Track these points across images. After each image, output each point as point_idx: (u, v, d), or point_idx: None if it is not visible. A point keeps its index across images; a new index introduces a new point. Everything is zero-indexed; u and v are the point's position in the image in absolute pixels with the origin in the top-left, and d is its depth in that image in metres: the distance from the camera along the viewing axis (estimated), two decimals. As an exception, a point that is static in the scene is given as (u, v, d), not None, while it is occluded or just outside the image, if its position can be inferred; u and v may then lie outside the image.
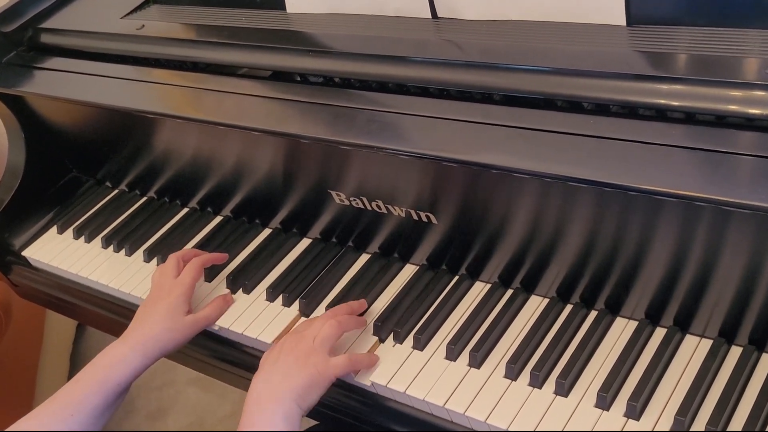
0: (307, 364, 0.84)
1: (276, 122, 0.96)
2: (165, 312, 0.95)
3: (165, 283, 1.00)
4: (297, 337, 0.87)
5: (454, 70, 0.88)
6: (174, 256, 1.04)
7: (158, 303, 0.97)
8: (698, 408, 0.75)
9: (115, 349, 0.93)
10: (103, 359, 0.92)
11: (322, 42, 1.00)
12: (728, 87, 0.73)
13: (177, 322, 0.96)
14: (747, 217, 0.69)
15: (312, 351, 0.85)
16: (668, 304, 0.82)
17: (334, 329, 0.87)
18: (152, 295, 0.99)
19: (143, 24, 1.13)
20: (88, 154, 1.30)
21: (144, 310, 0.97)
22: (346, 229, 1.04)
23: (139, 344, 0.93)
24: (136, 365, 0.92)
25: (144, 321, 0.96)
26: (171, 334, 0.95)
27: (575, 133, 0.79)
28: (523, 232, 0.86)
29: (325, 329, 0.87)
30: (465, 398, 0.82)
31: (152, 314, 0.96)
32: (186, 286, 0.98)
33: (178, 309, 0.96)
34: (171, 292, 0.98)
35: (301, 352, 0.85)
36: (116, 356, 0.92)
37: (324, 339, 0.86)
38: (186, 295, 0.98)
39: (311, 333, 0.87)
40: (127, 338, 0.94)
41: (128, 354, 0.92)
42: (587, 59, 0.82)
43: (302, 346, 0.86)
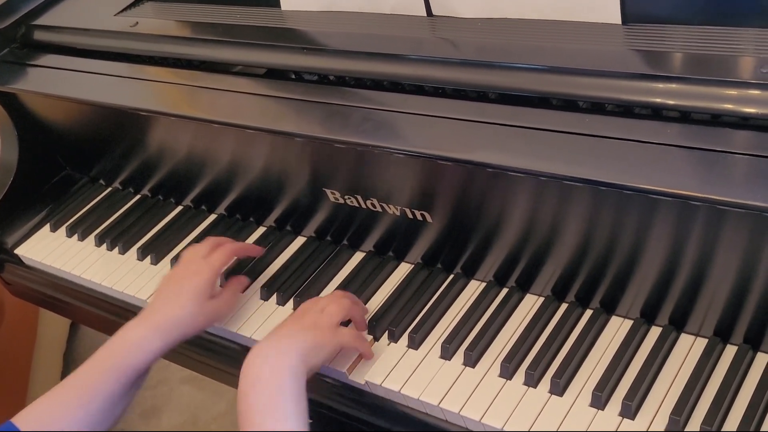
0: (314, 327, 0.83)
1: (270, 120, 0.95)
2: (191, 294, 0.90)
3: (194, 262, 0.95)
4: (302, 309, 0.87)
5: (449, 68, 0.88)
6: (211, 238, 1.00)
7: (184, 283, 0.92)
8: (693, 407, 0.75)
9: (133, 331, 0.87)
10: (119, 341, 0.86)
11: (317, 40, 1.00)
12: (724, 86, 0.73)
13: (202, 306, 0.91)
14: (742, 217, 0.69)
15: (318, 319, 0.85)
16: (663, 303, 0.82)
17: (344, 308, 0.87)
18: (178, 273, 0.94)
19: (137, 21, 1.13)
20: (81, 151, 1.30)
21: (168, 289, 0.92)
22: (341, 228, 1.03)
23: (160, 327, 0.87)
24: (154, 349, 0.86)
25: (167, 301, 0.90)
26: (193, 319, 0.90)
27: (570, 132, 0.79)
28: (518, 230, 0.86)
29: (334, 306, 0.87)
30: (460, 397, 0.82)
31: (177, 295, 0.91)
32: (214, 270, 0.94)
33: (204, 293, 0.92)
34: (199, 273, 0.93)
35: (307, 321, 0.84)
36: (134, 339, 0.86)
37: (332, 313, 0.86)
38: (212, 281, 0.93)
39: (319, 306, 0.87)
40: (147, 319, 0.88)
41: (147, 337, 0.86)
42: (582, 58, 0.82)
43: (308, 314, 0.86)
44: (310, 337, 0.82)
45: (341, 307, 0.87)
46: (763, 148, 0.70)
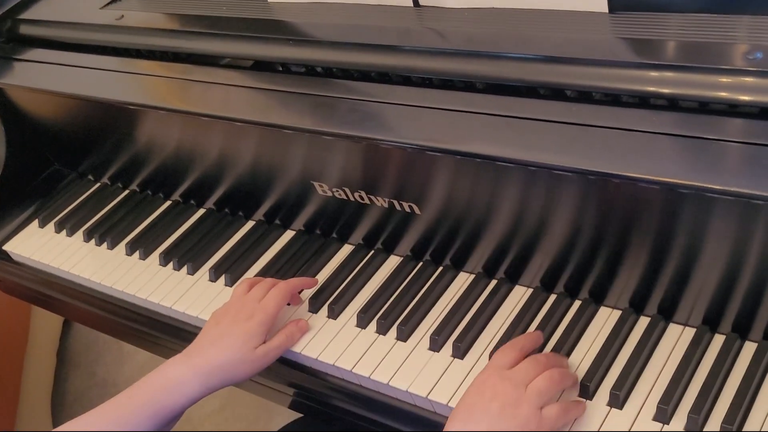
0: (516, 415, 0.70)
1: (257, 112, 0.95)
2: (241, 339, 0.85)
3: (248, 303, 0.89)
4: (501, 377, 0.73)
5: (436, 59, 0.88)
6: (269, 280, 0.94)
7: (235, 326, 0.86)
8: (681, 396, 0.74)
9: (176, 370, 0.83)
10: (159, 379, 0.83)
11: (304, 31, 0.99)
12: (711, 73, 0.73)
13: (249, 353, 0.85)
14: (731, 204, 0.69)
15: (522, 401, 0.71)
16: (652, 292, 0.81)
17: (554, 384, 0.73)
18: (230, 312, 0.88)
19: (122, 14, 1.12)
20: (69, 146, 1.29)
21: (217, 329, 0.86)
22: (330, 221, 1.03)
23: (203, 371, 0.83)
24: (194, 393, 0.82)
25: (214, 343, 0.85)
26: (240, 366, 0.84)
27: (558, 121, 0.78)
28: (507, 221, 0.86)
29: (544, 381, 0.73)
30: (449, 389, 0.81)
31: (225, 338, 0.85)
32: (269, 315, 0.87)
33: (254, 339, 0.85)
34: (252, 317, 0.87)
35: (509, 400, 0.71)
36: (175, 378, 0.82)
37: (540, 391, 0.72)
38: (267, 325, 0.87)
39: (521, 378, 0.72)
40: (191, 359, 0.84)
41: (187, 379, 0.82)
42: (569, 47, 0.81)
43: (510, 391, 0.71)
44: (513, 428, 0.69)
45: (552, 383, 0.73)
46: (750, 135, 0.70)
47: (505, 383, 0.72)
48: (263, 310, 0.88)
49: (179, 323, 1.04)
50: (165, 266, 1.09)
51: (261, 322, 0.87)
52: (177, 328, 1.04)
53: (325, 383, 0.91)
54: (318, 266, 1.01)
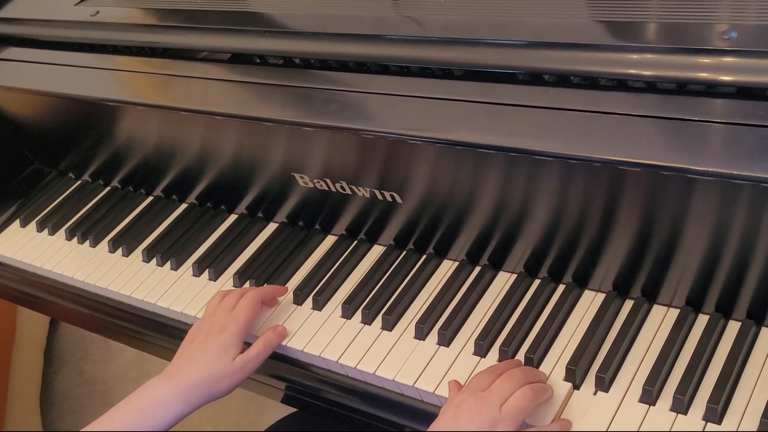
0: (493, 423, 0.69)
1: (236, 105, 0.94)
2: (217, 354, 0.85)
3: (220, 316, 0.88)
4: (477, 399, 0.71)
5: (414, 47, 0.87)
6: (239, 290, 0.93)
7: (209, 341, 0.86)
8: (667, 377, 0.75)
9: (156, 390, 0.83)
10: (141, 399, 0.83)
11: (281, 22, 0.99)
12: (688, 54, 0.73)
13: (226, 366, 0.85)
14: (711, 185, 0.69)
15: (498, 423, 0.70)
16: (635, 275, 0.81)
17: (529, 401, 0.71)
18: (203, 328, 0.88)
19: (97, 10, 1.11)
20: (49, 145, 1.28)
21: (193, 347, 0.87)
22: (312, 212, 1.03)
23: (183, 388, 0.83)
24: (177, 411, 0.82)
25: (192, 359, 0.85)
26: (220, 380, 0.84)
27: (538, 106, 0.78)
28: (489, 208, 0.86)
29: (518, 400, 0.71)
30: (435, 377, 0.81)
31: (202, 354, 0.85)
32: (241, 325, 0.87)
33: (230, 350, 0.85)
34: (224, 329, 0.86)
35: (485, 423, 0.70)
36: (156, 398, 0.82)
37: (516, 411, 0.71)
38: (240, 334, 0.87)
39: (496, 399, 0.71)
40: (171, 378, 0.84)
41: (171, 398, 0.82)
42: (546, 31, 0.81)
43: (485, 413, 0.70)
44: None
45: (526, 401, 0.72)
46: (729, 115, 0.70)
47: (481, 405, 0.71)
48: (235, 321, 0.87)
49: (165, 319, 1.03)
50: (148, 262, 1.08)
51: (234, 332, 0.86)
52: (163, 324, 1.03)
53: (312, 375, 0.91)
54: (302, 258, 1.01)
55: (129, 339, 1.12)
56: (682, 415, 0.71)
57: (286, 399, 0.99)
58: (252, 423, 1.84)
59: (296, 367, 0.92)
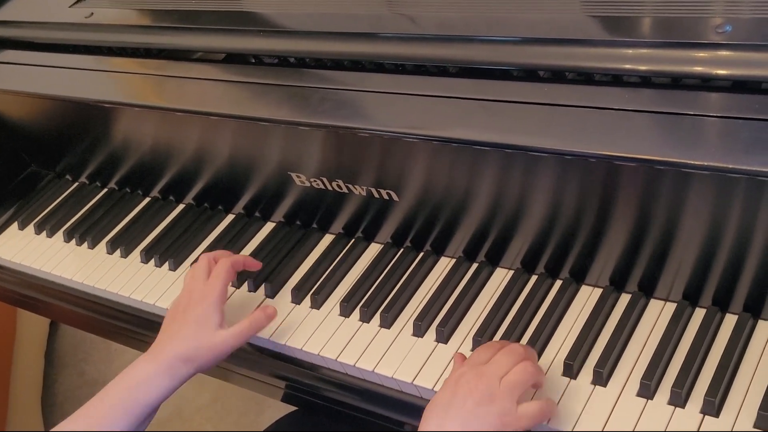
0: (490, 412, 0.68)
1: (231, 106, 0.94)
2: (194, 325, 0.85)
3: (195, 288, 0.88)
4: (476, 373, 0.71)
5: (409, 45, 0.88)
6: (205, 255, 0.93)
7: (188, 313, 0.86)
8: (664, 371, 0.75)
9: (141, 368, 0.84)
10: (127, 378, 0.83)
11: (275, 22, 0.99)
12: (683, 48, 0.73)
13: (207, 337, 0.85)
14: (707, 178, 0.69)
15: (497, 396, 0.69)
16: (632, 269, 0.81)
17: (528, 375, 0.71)
18: (182, 302, 0.88)
19: (92, 12, 1.11)
20: (46, 147, 1.28)
21: (173, 320, 0.87)
22: (309, 211, 1.03)
23: (168, 363, 0.83)
24: (163, 386, 0.83)
25: (172, 335, 0.85)
26: (201, 352, 0.84)
27: (533, 102, 0.78)
28: (486, 204, 0.86)
29: (518, 374, 0.71)
30: (433, 374, 0.82)
31: (181, 327, 0.85)
32: (216, 293, 0.87)
33: (209, 321, 0.85)
34: (201, 300, 0.87)
35: (483, 396, 0.69)
36: (141, 375, 0.83)
37: (514, 384, 0.70)
38: (217, 304, 0.86)
39: (495, 372, 0.71)
40: (154, 354, 0.85)
41: (154, 373, 0.83)
42: (541, 27, 0.82)
43: (483, 387, 0.70)
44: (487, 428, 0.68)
45: (526, 376, 0.71)
46: (724, 109, 0.70)
47: (480, 378, 0.71)
48: (211, 290, 0.87)
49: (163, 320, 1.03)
50: (146, 263, 1.09)
51: (211, 302, 0.86)
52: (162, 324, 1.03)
53: (312, 374, 0.91)
54: (299, 257, 1.01)
55: (129, 340, 1.12)
56: (679, 408, 0.71)
57: (286, 398, 0.99)
58: (252, 422, 1.84)
59: (295, 366, 0.92)
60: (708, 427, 0.69)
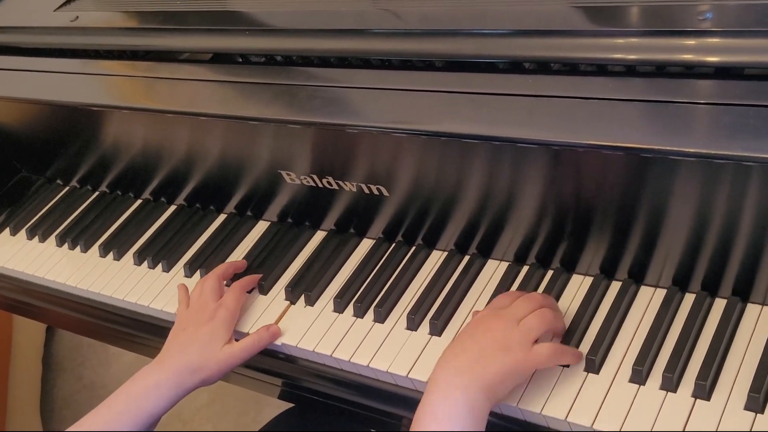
0: (506, 348, 0.71)
1: (219, 106, 0.95)
2: (206, 341, 0.87)
3: (207, 305, 0.91)
4: (495, 314, 0.75)
5: (394, 40, 0.88)
6: (214, 274, 0.96)
7: (200, 328, 0.88)
8: (656, 356, 0.75)
9: (149, 377, 0.86)
10: (135, 386, 0.85)
11: (261, 20, 0.99)
12: (665, 36, 0.74)
13: (216, 352, 0.87)
14: (693, 165, 0.70)
15: (513, 334, 0.72)
16: (621, 257, 0.82)
17: (545, 322, 0.75)
18: (193, 318, 0.90)
19: (77, 15, 1.11)
20: (35, 152, 1.28)
21: (183, 332, 0.89)
22: (301, 209, 1.03)
23: (174, 374, 0.85)
24: (170, 396, 0.85)
25: (182, 347, 0.88)
26: (208, 365, 0.87)
27: (520, 94, 0.79)
28: (476, 197, 0.86)
29: (535, 318, 0.74)
30: (428, 366, 0.82)
31: (192, 341, 0.88)
32: (230, 311, 0.90)
33: (219, 337, 0.88)
34: (214, 316, 0.89)
35: (500, 334, 0.72)
36: (149, 385, 0.85)
37: (531, 327, 0.73)
38: (229, 322, 0.90)
39: (514, 314, 0.75)
40: (163, 364, 0.86)
41: (162, 383, 0.85)
42: (525, 19, 0.82)
43: (500, 326, 0.73)
44: (501, 364, 0.71)
45: (543, 321, 0.75)
46: (708, 95, 0.71)
47: (498, 319, 0.75)
48: (225, 308, 0.90)
49: (159, 321, 1.03)
50: (140, 265, 1.09)
51: (224, 320, 0.89)
52: (157, 326, 1.04)
53: (308, 370, 0.91)
54: (292, 255, 1.01)
55: (126, 342, 1.13)
56: (671, 393, 0.72)
57: (283, 395, 1.00)
58: (252, 421, 1.84)
59: (291, 363, 0.92)
60: (700, 411, 0.70)
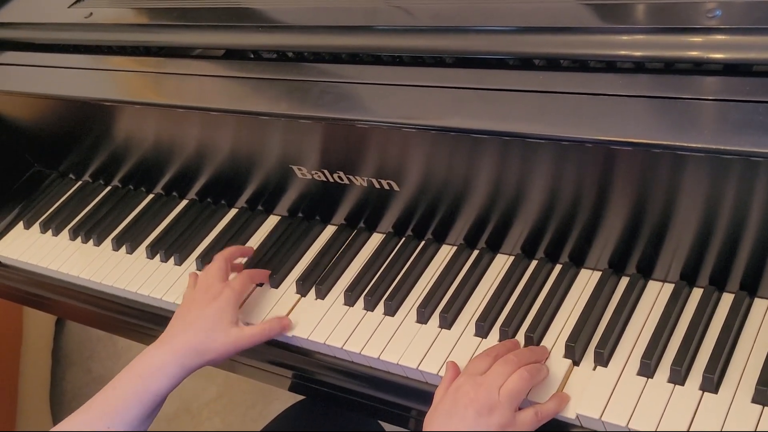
0: (490, 423, 0.71)
1: (231, 101, 0.96)
2: (212, 319, 0.87)
3: (213, 285, 0.90)
4: (474, 383, 0.74)
5: (405, 36, 0.89)
6: (220, 256, 0.96)
7: (205, 308, 0.88)
8: (664, 350, 0.76)
9: (154, 356, 0.85)
10: (140, 366, 0.85)
11: (273, 17, 1.00)
12: (675, 33, 0.74)
13: (222, 332, 0.86)
14: (702, 160, 0.70)
15: (496, 405, 0.71)
16: (630, 252, 0.83)
17: (525, 383, 0.74)
18: (198, 297, 0.90)
19: (91, 12, 1.12)
20: (48, 147, 1.29)
21: (188, 311, 0.89)
22: (312, 203, 1.04)
23: (179, 353, 0.85)
24: (175, 375, 0.84)
25: (187, 326, 0.87)
26: (214, 345, 0.86)
27: (529, 90, 0.79)
28: (485, 192, 0.87)
29: (515, 383, 0.73)
30: (438, 359, 0.83)
31: (197, 319, 0.87)
32: (236, 292, 0.90)
33: (225, 317, 0.87)
34: (220, 295, 0.89)
35: (483, 406, 0.71)
36: (154, 364, 0.84)
37: (512, 393, 0.72)
38: (235, 302, 0.89)
39: (494, 382, 0.73)
40: (167, 343, 0.86)
41: (167, 362, 0.84)
42: (536, 15, 0.83)
43: (482, 397, 0.72)
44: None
45: (523, 382, 0.74)
46: (716, 92, 0.72)
47: (479, 389, 0.73)
48: (230, 288, 0.90)
49: (171, 314, 1.03)
50: (152, 259, 1.10)
51: (229, 299, 0.89)
52: (169, 319, 1.04)
53: (318, 362, 0.92)
54: (303, 249, 1.02)
55: (136, 335, 1.14)
56: (679, 386, 0.73)
57: (293, 387, 1.01)
58: (260, 414, 1.86)
59: (302, 355, 0.93)
60: (707, 404, 0.71)
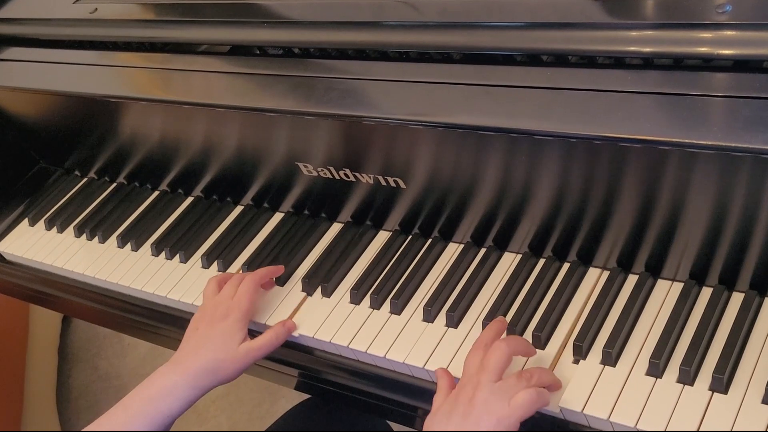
0: (489, 413, 0.71)
1: (237, 97, 0.95)
2: (221, 340, 0.87)
3: (221, 303, 0.91)
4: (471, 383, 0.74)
5: (412, 32, 0.88)
6: (236, 275, 0.95)
7: (213, 328, 0.88)
8: (672, 349, 0.75)
9: (165, 378, 0.85)
10: (151, 387, 0.85)
11: (279, 12, 0.99)
12: (684, 29, 0.74)
13: (230, 352, 0.87)
14: (711, 158, 0.70)
15: (489, 396, 0.72)
16: (639, 250, 0.82)
17: (504, 354, 0.74)
18: (206, 317, 0.90)
19: (96, 7, 1.12)
20: (54, 143, 1.29)
21: (197, 334, 0.89)
22: (317, 200, 1.04)
23: (190, 374, 0.85)
24: (186, 397, 0.85)
25: (197, 347, 0.87)
26: (225, 365, 0.86)
27: (537, 87, 0.79)
28: (492, 189, 0.86)
29: (493, 358, 0.74)
30: (444, 358, 0.83)
31: (207, 341, 0.87)
32: (243, 311, 0.89)
33: (235, 336, 0.88)
34: (228, 315, 0.89)
35: (479, 402, 0.72)
36: (165, 386, 0.85)
37: (493, 370, 0.73)
38: (243, 320, 0.89)
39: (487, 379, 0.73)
40: (178, 365, 0.86)
41: (178, 384, 0.84)
42: (543, 11, 0.82)
43: (479, 394, 0.73)
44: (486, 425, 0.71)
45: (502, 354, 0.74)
46: (726, 88, 0.71)
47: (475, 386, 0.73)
48: (237, 307, 0.90)
49: (176, 311, 1.04)
50: (157, 256, 1.10)
51: (237, 319, 0.89)
52: (174, 316, 1.04)
53: (324, 361, 0.92)
54: (309, 246, 1.02)
55: (141, 332, 1.14)
56: (688, 386, 0.72)
57: (299, 386, 1.01)
58: (266, 412, 1.86)
59: (308, 354, 0.93)
60: (717, 404, 0.70)
